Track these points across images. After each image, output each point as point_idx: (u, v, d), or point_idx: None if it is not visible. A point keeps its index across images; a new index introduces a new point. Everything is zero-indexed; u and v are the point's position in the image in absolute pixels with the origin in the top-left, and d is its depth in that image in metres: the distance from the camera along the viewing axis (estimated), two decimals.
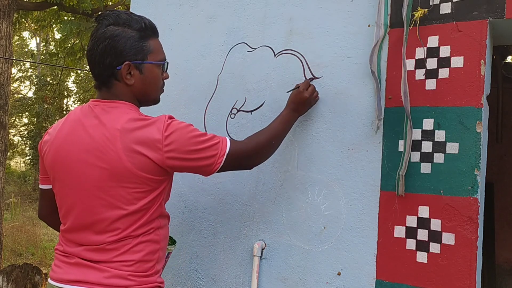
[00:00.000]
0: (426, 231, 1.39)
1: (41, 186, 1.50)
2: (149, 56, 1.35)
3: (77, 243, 1.33)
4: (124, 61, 1.31)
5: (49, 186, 1.44)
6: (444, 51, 1.40)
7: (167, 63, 1.43)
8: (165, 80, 1.46)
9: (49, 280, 1.35)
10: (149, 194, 1.31)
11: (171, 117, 1.33)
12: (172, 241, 1.60)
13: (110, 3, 8.94)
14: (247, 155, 1.41)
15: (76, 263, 1.31)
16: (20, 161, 19.15)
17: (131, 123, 1.28)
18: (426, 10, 1.43)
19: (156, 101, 1.45)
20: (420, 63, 1.44)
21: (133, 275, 1.29)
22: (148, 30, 1.36)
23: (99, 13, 1.42)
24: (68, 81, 16.74)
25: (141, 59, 1.33)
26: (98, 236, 1.30)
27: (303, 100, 1.53)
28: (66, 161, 1.32)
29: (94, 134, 1.29)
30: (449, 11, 1.40)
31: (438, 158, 1.39)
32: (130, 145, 1.26)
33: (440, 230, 1.37)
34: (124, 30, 1.31)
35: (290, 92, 1.57)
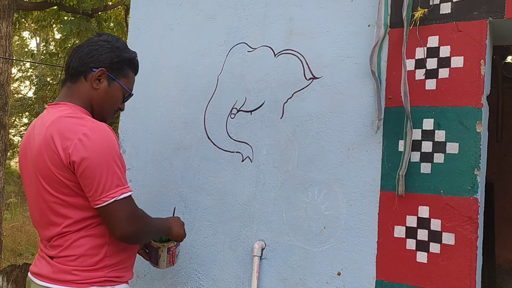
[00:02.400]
0: (426, 231, 1.39)
1: None
2: (122, 80, 1.47)
3: (42, 239, 1.42)
4: (102, 67, 1.41)
5: None
6: (444, 51, 1.40)
7: (131, 95, 1.53)
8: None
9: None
10: (71, 191, 1.31)
11: (111, 130, 1.35)
12: (164, 239, 1.58)
13: (110, 3, 8.94)
14: (128, 219, 1.31)
15: (41, 257, 1.41)
16: None
17: (62, 117, 1.33)
18: (426, 10, 1.43)
19: (104, 119, 1.46)
20: (420, 63, 1.44)
21: (77, 269, 1.32)
22: (134, 64, 1.51)
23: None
24: None
25: (115, 76, 1.45)
26: (45, 231, 1.38)
27: (182, 224, 1.59)
28: (23, 161, 1.42)
29: (36, 134, 1.37)
30: (449, 11, 1.40)
31: (438, 158, 1.39)
32: (49, 136, 1.30)
33: (440, 230, 1.37)
34: (116, 48, 1.44)
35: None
